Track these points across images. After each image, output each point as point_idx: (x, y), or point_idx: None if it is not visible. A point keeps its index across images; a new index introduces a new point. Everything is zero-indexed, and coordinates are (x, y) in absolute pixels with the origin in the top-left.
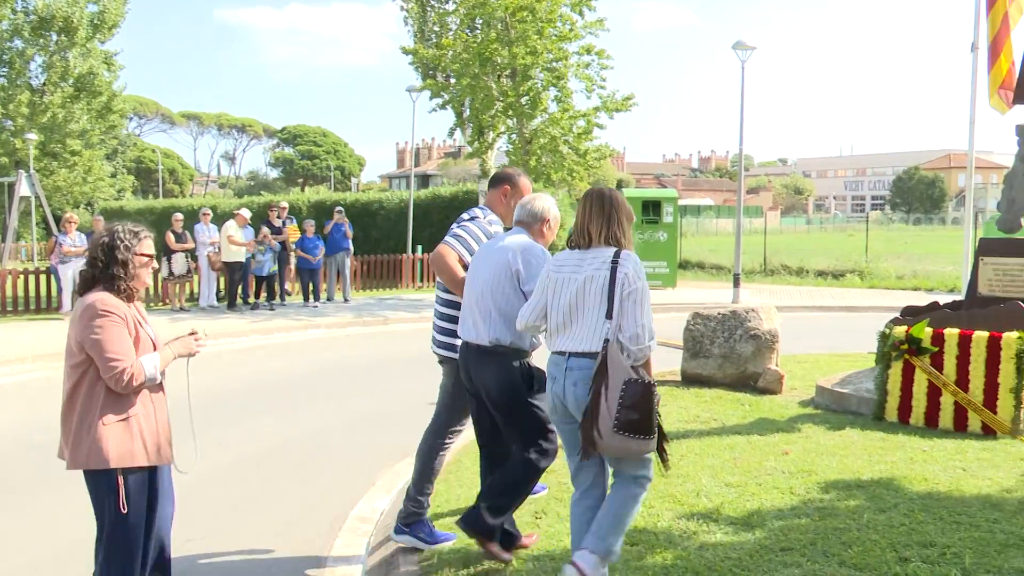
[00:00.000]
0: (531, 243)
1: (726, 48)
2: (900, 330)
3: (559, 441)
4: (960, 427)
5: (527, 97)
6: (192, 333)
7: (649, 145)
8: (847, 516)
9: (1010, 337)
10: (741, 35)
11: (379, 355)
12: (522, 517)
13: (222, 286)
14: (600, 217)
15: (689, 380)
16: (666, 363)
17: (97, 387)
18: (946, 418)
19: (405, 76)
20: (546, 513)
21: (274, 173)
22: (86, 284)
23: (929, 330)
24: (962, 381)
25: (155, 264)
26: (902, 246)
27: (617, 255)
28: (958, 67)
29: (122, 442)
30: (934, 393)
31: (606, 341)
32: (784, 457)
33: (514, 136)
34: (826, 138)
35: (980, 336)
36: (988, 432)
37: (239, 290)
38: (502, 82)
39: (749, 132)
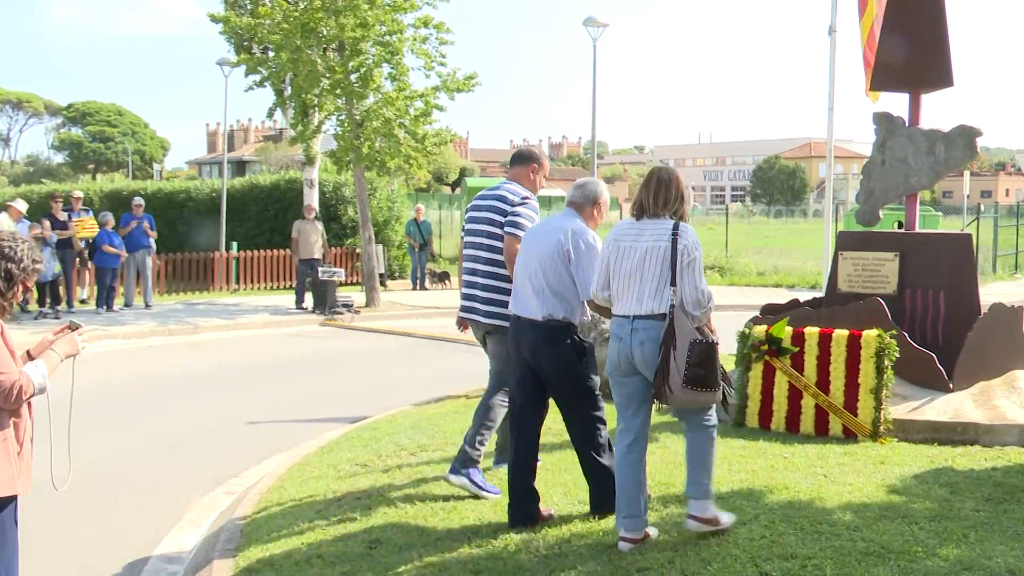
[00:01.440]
0: (584, 227)
1: (577, 25)
2: (760, 330)
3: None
4: (821, 431)
5: (357, 74)
6: (74, 328)
7: (495, 130)
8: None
9: (870, 335)
10: (592, 11)
11: (187, 369)
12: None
13: None
14: (667, 190)
15: None
16: None
17: None
18: (807, 422)
19: (216, 47)
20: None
21: (59, 158)
22: None
23: (789, 329)
24: (823, 382)
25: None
26: (763, 240)
27: (676, 227)
28: (817, 52)
29: (2, 468)
30: (795, 396)
31: (672, 307)
32: None
33: (343, 118)
34: (684, 125)
35: (840, 335)
36: (849, 435)
37: None
38: (328, 56)
39: (603, 117)
